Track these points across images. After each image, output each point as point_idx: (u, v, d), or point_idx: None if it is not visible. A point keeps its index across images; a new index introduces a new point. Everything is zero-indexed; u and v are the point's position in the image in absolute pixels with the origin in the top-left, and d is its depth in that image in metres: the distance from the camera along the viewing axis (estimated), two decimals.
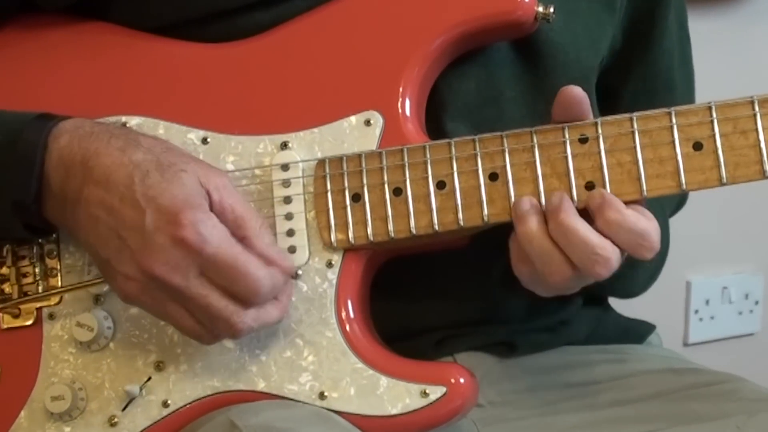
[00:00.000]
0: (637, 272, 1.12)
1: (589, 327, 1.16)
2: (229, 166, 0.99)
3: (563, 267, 0.90)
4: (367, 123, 0.98)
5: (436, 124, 1.01)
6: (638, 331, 1.21)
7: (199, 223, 0.88)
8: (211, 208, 0.91)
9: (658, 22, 1.12)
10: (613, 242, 0.89)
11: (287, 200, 0.97)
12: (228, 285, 0.90)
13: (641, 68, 1.13)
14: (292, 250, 0.97)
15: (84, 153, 0.92)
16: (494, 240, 0.96)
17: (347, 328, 0.97)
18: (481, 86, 1.03)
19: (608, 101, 1.09)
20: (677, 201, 1.23)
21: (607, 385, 1.07)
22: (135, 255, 0.90)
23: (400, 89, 0.98)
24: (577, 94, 0.92)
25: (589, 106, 0.93)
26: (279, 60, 1.00)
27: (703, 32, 1.23)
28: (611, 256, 0.88)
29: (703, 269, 1.99)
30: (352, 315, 0.97)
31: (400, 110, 0.97)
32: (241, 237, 0.91)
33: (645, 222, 0.90)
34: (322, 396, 0.96)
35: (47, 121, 0.95)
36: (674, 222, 1.23)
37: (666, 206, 1.17)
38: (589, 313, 1.17)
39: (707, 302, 2.02)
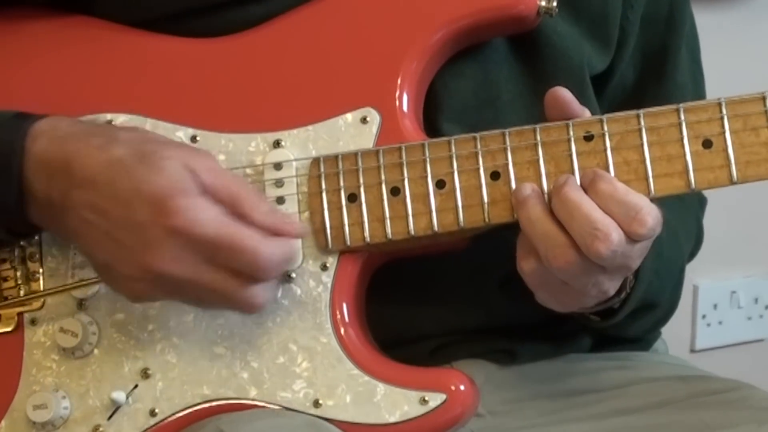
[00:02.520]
0: (634, 323, 1.11)
1: (593, 338, 1.15)
2: None
3: (567, 250, 0.89)
4: (364, 120, 0.98)
5: (430, 124, 1.02)
6: (644, 338, 1.21)
7: (189, 208, 0.89)
8: (203, 192, 0.91)
9: (671, 56, 1.13)
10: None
11: (280, 201, 0.98)
12: (232, 264, 0.90)
13: (654, 103, 1.12)
14: None
15: (64, 156, 0.92)
16: (495, 242, 0.96)
17: (343, 333, 0.97)
18: (478, 87, 1.04)
19: None
20: (691, 249, 1.22)
21: (612, 393, 1.07)
22: (135, 255, 0.90)
23: (398, 85, 0.98)
24: (563, 95, 0.93)
25: (579, 107, 0.94)
26: (271, 55, 1.00)
27: (710, 27, 1.23)
28: (612, 232, 0.88)
29: (711, 272, 1.99)
30: (347, 319, 0.97)
31: (397, 107, 0.98)
32: (240, 215, 0.91)
33: (637, 196, 0.90)
34: (316, 404, 0.96)
35: (22, 121, 0.95)
36: None
37: (684, 256, 1.17)
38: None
39: (715, 307, 2.02)
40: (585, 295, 0.94)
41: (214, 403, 0.97)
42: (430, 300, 1.06)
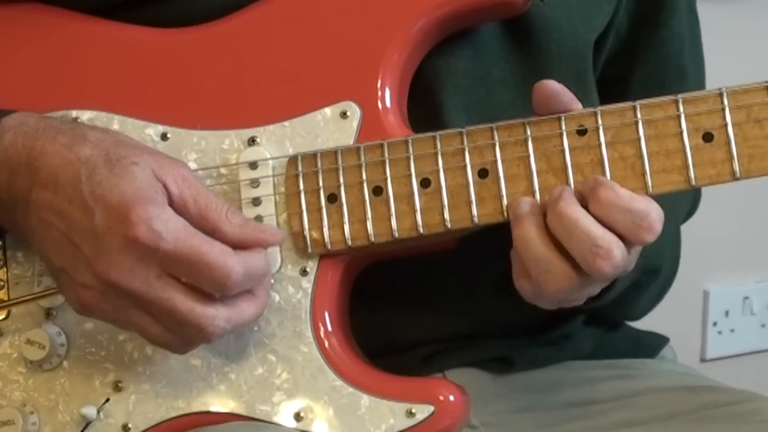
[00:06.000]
0: (641, 295, 1.12)
1: (595, 341, 1.15)
2: (192, 165, 0.98)
3: (559, 278, 0.89)
4: (343, 115, 0.97)
5: (418, 106, 1.01)
6: (650, 344, 1.21)
7: (152, 219, 0.88)
8: (171, 203, 0.90)
9: (667, 3, 1.12)
10: (610, 227, 0.89)
11: (256, 202, 0.97)
12: (194, 281, 0.89)
13: (649, 53, 1.13)
14: None
15: (29, 152, 0.92)
16: (487, 242, 0.95)
17: (324, 342, 0.96)
18: (469, 65, 1.03)
19: (615, 91, 1.08)
20: (688, 208, 1.22)
21: (614, 405, 1.07)
22: (90, 261, 0.89)
23: (380, 77, 0.97)
24: (552, 88, 0.92)
25: (571, 97, 0.93)
26: (245, 47, 0.99)
27: (714, 19, 1.23)
28: (614, 248, 0.88)
29: (722, 278, 1.99)
30: (329, 327, 0.96)
31: (379, 101, 0.97)
32: (210, 230, 0.91)
33: (642, 202, 0.89)
34: (297, 417, 0.95)
35: None
36: (690, 225, 1.23)
37: (677, 214, 1.17)
38: (594, 325, 1.16)
39: (727, 314, 2.02)
40: (577, 301, 0.95)
41: (190, 417, 0.96)
42: (420, 305, 1.05)
